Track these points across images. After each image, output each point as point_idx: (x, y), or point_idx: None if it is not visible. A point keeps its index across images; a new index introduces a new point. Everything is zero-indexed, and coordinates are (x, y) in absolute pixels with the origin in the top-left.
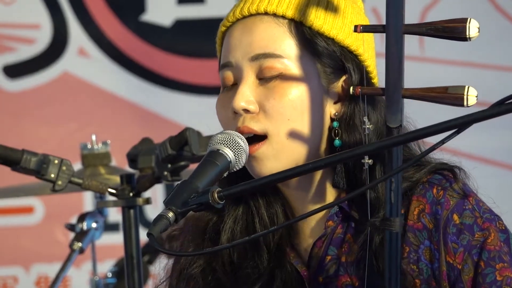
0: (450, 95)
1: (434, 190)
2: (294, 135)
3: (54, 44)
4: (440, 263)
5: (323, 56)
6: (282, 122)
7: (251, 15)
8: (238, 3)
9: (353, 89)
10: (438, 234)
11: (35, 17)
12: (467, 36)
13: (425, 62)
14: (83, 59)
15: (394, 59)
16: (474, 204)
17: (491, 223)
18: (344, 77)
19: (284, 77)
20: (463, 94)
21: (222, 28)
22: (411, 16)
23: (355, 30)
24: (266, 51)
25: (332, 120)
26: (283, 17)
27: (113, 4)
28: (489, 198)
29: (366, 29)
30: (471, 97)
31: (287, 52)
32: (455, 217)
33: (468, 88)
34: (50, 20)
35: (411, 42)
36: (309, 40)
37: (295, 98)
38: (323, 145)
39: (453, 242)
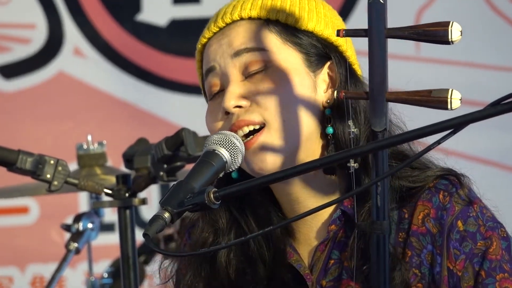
0: (434, 99)
1: (441, 196)
2: (289, 120)
3: (50, 44)
4: (442, 267)
5: (304, 46)
6: (276, 109)
7: (227, 24)
8: (210, 21)
9: (337, 93)
10: (442, 239)
11: (30, 16)
12: (450, 40)
13: (421, 62)
14: (78, 59)
15: (377, 63)
16: (478, 212)
17: (493, 231)
18: (328, 63)
19: (270, 69)
20: (447, 98)
21: (199, 46)
22: (406, 16)
23: (338, 35)
24: (248, 45)
25: (324, 108)
26: (259, 18)
27: (109, 4)
28: (492, 203)
29: (349, 33)
30: (455, 100)
31: (268, 45)
32: (459, 223)
33: (452, 91)
34: (46, 19)
35: (406, 42)
36: (288, 34)
37: (284, 85)
38: (318, 133)
39: (455, 248)
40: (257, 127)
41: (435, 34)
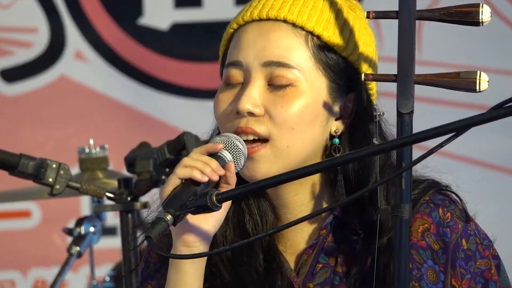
0: (463, 80)
1: (440, 211)
2: (295, 144)
3: (51, 48)
4: (445, 285)
5: (333, 72)
6: (286, 130)
7: (269, 19)
8: (253, 4)
9: (364, 76)
10: (446, 256)
11: (32, 20)
12: (480, 20)
13: (423, 66)
14: (80, 63)
15: (406, 45)
16: (475, 229)
17: (489, 251)
18: (348, 95)
19: (294, 87)
20: (476, 79)
21: (234, 25)
22: None
23: (367, 17)
24: (280, 59)
25: (332, 137)
26: (302, 28)
27: (110, 8)
28: (492, 206)
29: (379, 15)
30: (483, 81)
31: (300, 64)
32: (464, 242)
33: (480, 72)
34: (47, 23)
35: None
36: (323, 55)
37: (302, 109)
38: (320, 160)
39: (461, 267)
40: (261, 138)
41: (466, 14)
